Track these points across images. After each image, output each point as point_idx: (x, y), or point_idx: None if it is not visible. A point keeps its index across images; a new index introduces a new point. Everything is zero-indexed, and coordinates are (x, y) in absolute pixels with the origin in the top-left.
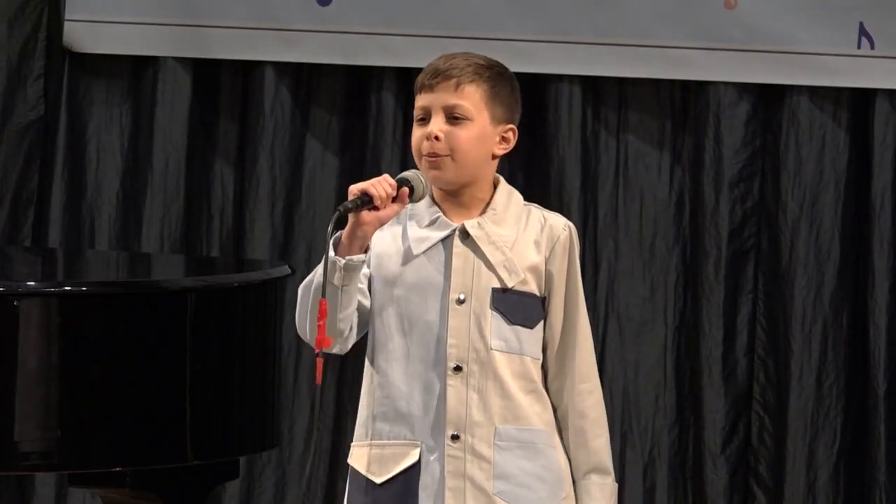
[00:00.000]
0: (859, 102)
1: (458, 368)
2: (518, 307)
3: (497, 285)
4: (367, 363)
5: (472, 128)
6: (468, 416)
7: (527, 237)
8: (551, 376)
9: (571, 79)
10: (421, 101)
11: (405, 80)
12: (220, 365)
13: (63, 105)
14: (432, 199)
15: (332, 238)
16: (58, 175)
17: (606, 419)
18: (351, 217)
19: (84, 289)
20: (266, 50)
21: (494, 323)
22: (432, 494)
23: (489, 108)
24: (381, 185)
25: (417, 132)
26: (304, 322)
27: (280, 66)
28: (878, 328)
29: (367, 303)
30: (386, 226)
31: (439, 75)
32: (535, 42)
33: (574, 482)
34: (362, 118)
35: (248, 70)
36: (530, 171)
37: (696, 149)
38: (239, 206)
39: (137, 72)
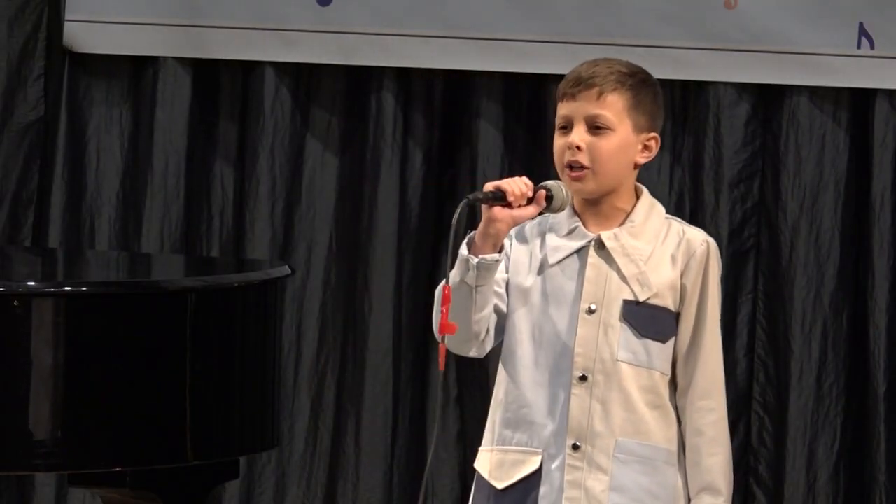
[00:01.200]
0: (859, 102)
1: (583, 378)
2: (649, 321)
3: (629, 297)
4: (500, 368)
5: (613, 138)
6: (590, 426)
7: (664, 251)
8: (678, 392)
9: None
10: (563, 109)
11: (405, 80)
12: (220, 365)
13: (63, 105)
14: (573, 207)
15: (468, 237)
16: (58, 175)
17: (727, 439)
18: (484, 212)
19: (84, 289)
20: (266, 50)
21: (623, 335)
22: (551, 503)
23: (631, 117)
24: (515, 183)
25: (559, 141)
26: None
27: (280, 66)
28: (878, 328)
29: (504, 308)
30: (527, 234)
31: (581, 84)
32: (535, 42)
33: (689, 501)
34: (362, 118)
35: (248, 70)
36: (531, 172)
37: (696, 149)
38: (239, 206)
39: (137, 72)
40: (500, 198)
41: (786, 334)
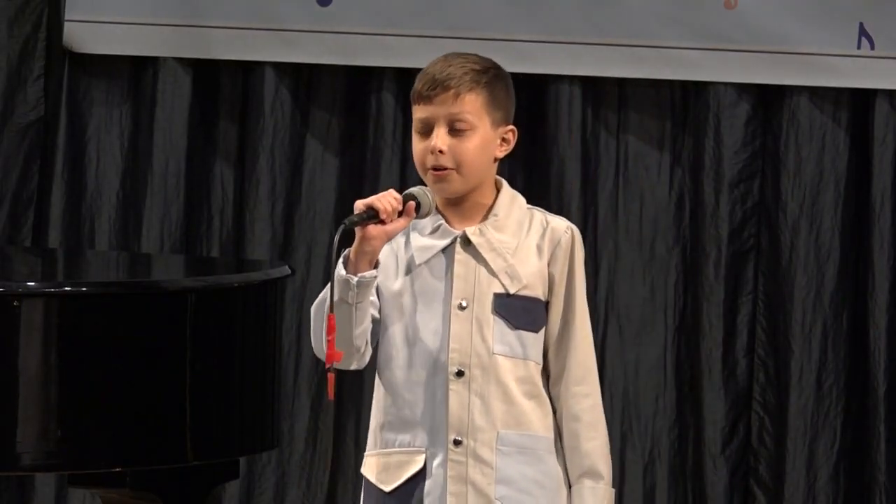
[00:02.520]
0: (859, 102)
1: (460, 373)
2: (521, 312)
3: (500, 290)
4: (377, 373)
5: (474, 137)
6: (470, 420)
7: (529, 242)
8: (551, 380)
9: (571, 79)
10: (420, 112)
11: (405, 81)
12: (220, 365)
13: (63, 105)
14: (435, 207)
15: (342, 256)
16: (58, 175)
17: (604, 424)
18: (358, 232)
19: (84, 289)
20: (266, 50)
21: (497, 328)
22: (436, 500)
23: (489, 114)
24: (386, 199)
25: (419, 145)
26: (318, 341)
27: (280, 67)
28: (878, 328)
29: (378, 314)
30: None
31: (437, 86)
32: (535, 42)
33: (570, 487)
34: (362, 118)
35: (248, 70)
36: (530, 172)
37: (696, 149)
38: (239, 206)
39: (137, 72)
40: (373, 216)
41: (786, 334)
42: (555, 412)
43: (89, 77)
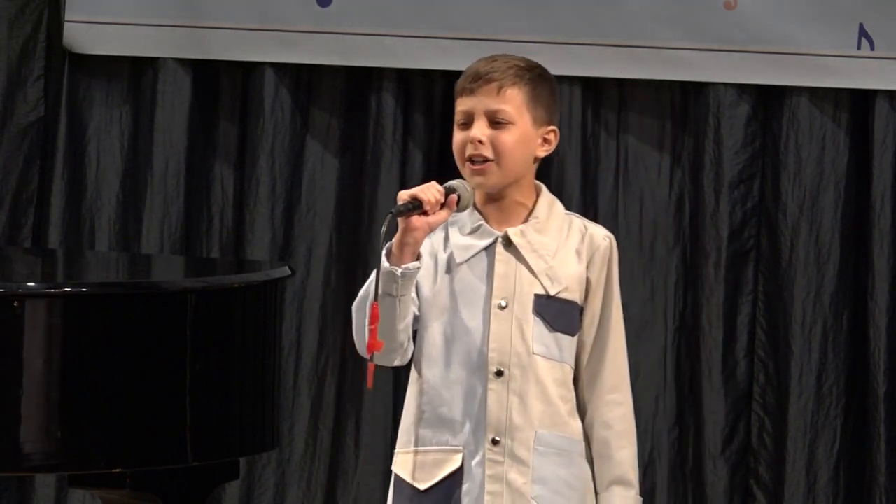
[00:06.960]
0: (859, 103)
1: (499, 373)
2: (560, 315)
3: (540, 292)
4: (412, 370)
5: (514, 131)
6: (509, 420)
7: (569, 246)
8: (581, 385)
9: (571, 80)
10: (462, 105)
11: (405, 81)
12: (220, 365)
13: (63, 105)
14: (474, 205)
15: (384, 249)
16: (58, 176)
17: (634, 433)
18: (401, 223)
19: (84, 290)
20: (266, 51)
21: (536, 328)
22: (474, 499)
23: (531, 111)
24: (430, 191)
25: (459, 135)
26: (361, 336)
27: (280, 67)
28: (878, 328)
29: (418, 312)
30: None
31: (480, 79)
32: (535, 42)
33: (597, 494)
34: (362, 119)
35: (248, 71)
36: None
37: (695, 150)
38: (239, 206)
39: (137, 72)
40: (417, 207)
41: (786, 335)
42: (583, 418)
43: (89, 77)
